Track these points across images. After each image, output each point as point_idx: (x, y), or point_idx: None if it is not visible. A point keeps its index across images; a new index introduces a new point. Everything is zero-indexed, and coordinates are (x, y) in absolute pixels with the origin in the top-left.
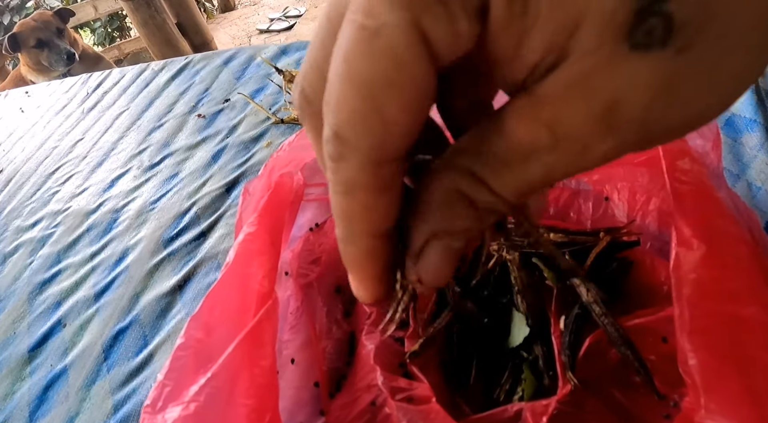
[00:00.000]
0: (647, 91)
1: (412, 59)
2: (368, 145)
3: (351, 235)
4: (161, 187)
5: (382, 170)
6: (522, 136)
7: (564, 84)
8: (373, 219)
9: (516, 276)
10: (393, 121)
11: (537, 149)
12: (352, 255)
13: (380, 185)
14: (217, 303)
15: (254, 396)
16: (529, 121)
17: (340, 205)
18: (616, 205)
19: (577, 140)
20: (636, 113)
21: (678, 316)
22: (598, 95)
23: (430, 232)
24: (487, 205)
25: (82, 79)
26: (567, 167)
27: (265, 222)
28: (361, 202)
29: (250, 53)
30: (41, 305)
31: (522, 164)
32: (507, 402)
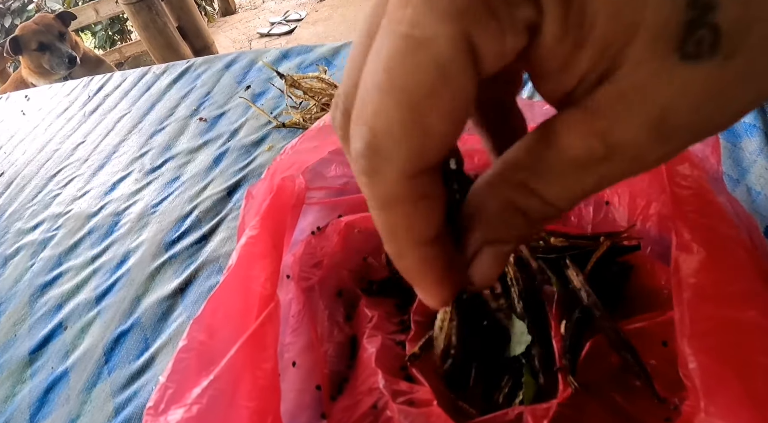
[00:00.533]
0: (697, 98)
1: (458, 71)
2: (405, 155)
3: (400, 249)
4: (163, 190)
5: (419, 180)
6: (576, 148)
7: (617, 95)
8: (417, 229)
9: (512, 278)
10: (433, 131)
11: (591, 161)
12: (407, 268)
13: (419, 195)
14: (220, 305)
15: (256, 398)
16: (582, 133)
17: (381, 220)
18: (616, 209)
19: (630, 150)
20: (687, 120)
21: (678, 320)
22: (650, 105)
23: (483, 240)
24: (540, 214)
25: (83, 82)
26: (619, 175)
27: (267, 225)
28: (402, 214)
29: (252, 57)
30: (42, 308)
31: (576, 175)
32: (507, 405)
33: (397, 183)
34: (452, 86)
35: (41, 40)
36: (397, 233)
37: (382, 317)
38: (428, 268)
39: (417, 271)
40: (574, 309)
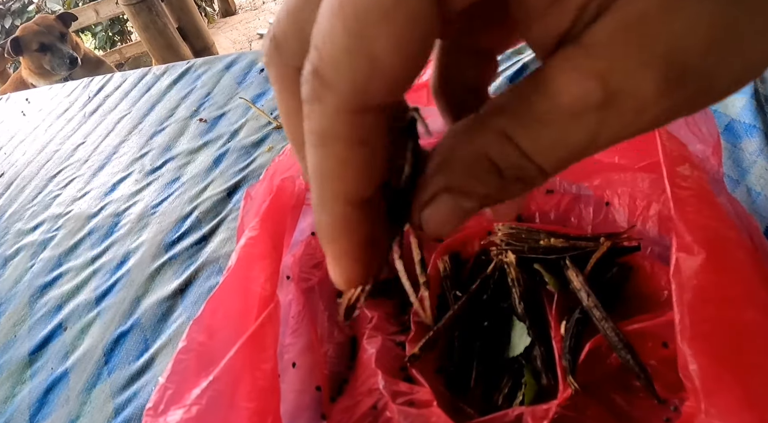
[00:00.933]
0: (708, 33)
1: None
2: (349, 85)
3: (323, 200)
4: (163, 191)
5: (360, 120)
6: (570, 93)
7: (618, 28)
8: (347, 178)
9: (513, 278)
10: (381, 61)
11: (586, 106)
12: (325, 224)
13: (358, 139)
14: (219, 306)
15: (256, 399)
16: (577, 73)
17: (313, 160)
18: (616, 210)
19: (632, 97)
20: (696, 61)
21: (678, 321)
22: (655, 41)
23: (444, 185)
24: (515, 171)
25: (83, 83)
26: (616, 130)
27: (267, 226)
28: (334, 155)
29: (252, 58)
30: (42, 308)
31: (566, 124)
32: (507, 406)
33: (336, 116)
34: (406, 10)
35: (42, 41)
36: (325, 179)
37: (382, 318)
38: (346, 234)
39: (332, 234)
40: (574, 310)
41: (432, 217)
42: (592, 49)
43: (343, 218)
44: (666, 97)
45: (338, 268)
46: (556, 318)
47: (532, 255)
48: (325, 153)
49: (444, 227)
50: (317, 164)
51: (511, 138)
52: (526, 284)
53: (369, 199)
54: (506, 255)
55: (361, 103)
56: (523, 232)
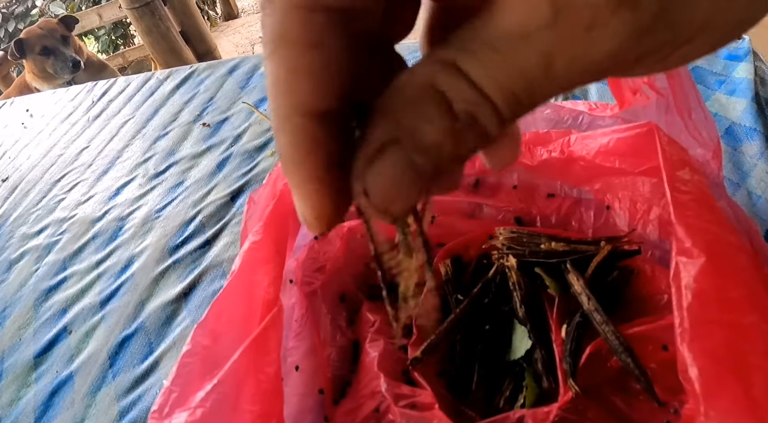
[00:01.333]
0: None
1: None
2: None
3: (280, 116)
4: (166, 195)
5: (311, 16)
6: (517, 10)
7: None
8: (300, 86)
9: (514, 282)
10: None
11: (534, 25)
12: (283, 144)
13: (309, 39)
14: (223, 310)
15: (260, 402)
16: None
17: (268, 72)
18: (617, 214)
19: (582, 10)
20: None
21: (678, 325)
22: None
23: (391, 133)
24: (467, 108)
25: (87, 87)
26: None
27: (270, 230)
28: (286, 60)
29: (255, 62)
30: (47, 312)
31: (514, 48)
32: (508, 409)
33: (286, 13)
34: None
35: (45, 44)
36: (278, 91)
37: (384, 322)
38: (306, 151)
39: (292, 153)
40: (575, 313)
41: (379, 179)
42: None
43: (300, 135)
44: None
45: (302, 200)
46: (557, 321)
47: (533, 259)
48: (277, 60)
49: (394, 194)
50: (271, 75)
51: (459, 67)
52: (527, 288)
53: (329, 113)
54: (507, 259)
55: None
56: (524, 236)
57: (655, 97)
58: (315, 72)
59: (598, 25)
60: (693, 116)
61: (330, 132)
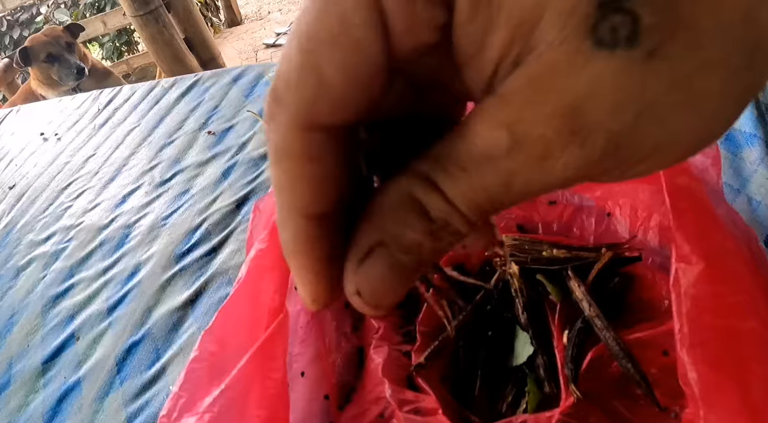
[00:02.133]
0: (613, 95)
1: (360, 23)
2: (297, 101)
3: (282, 215)
4: (172, 203)
5: (311, 138)
6: (481, 137)
7: (525, 81)
8: (301, 193)
9: (517, 289)
10: (328, 81)
11: (495, 152)
12: (285, 239)
13: (308, 154)
14: (230, 317)
15: (266, 407)
16: (489, 121)
17: (273, 177)
18: (618, 220)
19: (536, 143)
20: (601, 120)
21: (678, 330)
22: (560, 94)
23: (376, 237)
24: (441, 216)
25: (93, 95)
26: (526, 178)
27: (276, 239)
28: (288, 171)
29: (259, 71)
30: (54, 319)
31: (478, 169)
32: (511, 414)
33: (288, 132)
34: (352, 37)
35: (50, 52)
36: (281, 194)
37: (388, 328)
38: (303, 247)
39: (291, 247)
40: (576, 320)
41: (369, 278)
42: (504, 98)
43: (300, 232)
44: (570, 150)
45: (301, 285)
46: (559, 327)
47: (535, 266)
48: (280, 169)
49: (383, 291)
50: (276, 180)
51: (435, 183)
52: (529, 294)
53: (326, 216)
54: (510, 266)
55: (308, 121)
56: (527, 243)
57: None
58: (312, 182)
59: (550, 156)
60: None
61: (325, 231)
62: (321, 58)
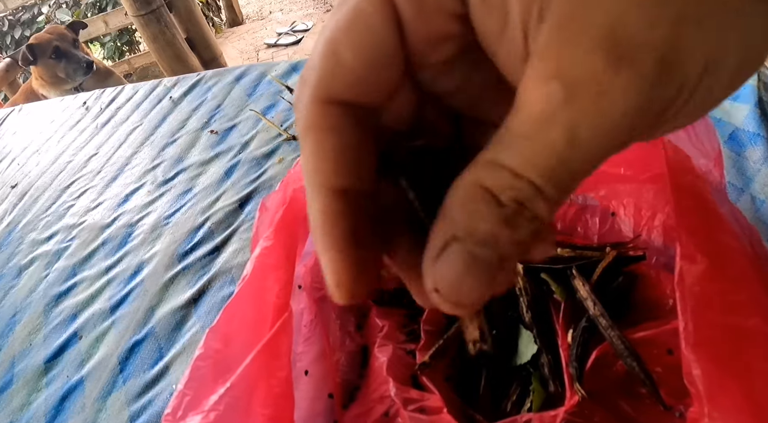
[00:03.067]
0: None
1: (372, 10)
2: (316, 78)
3: (308, 192)
4: (175, 202)
5: (329, 108)
6: (535, 99)
7: (557, 25)
8: (322, 164)
9: (521, 288)
10: (344, 61)
11: (553, 107)
12: (311, 213)
13: (327, 124)
14: (235, 315)
15: (271, 405)
16: (537, 80)
17: (301, 156)
18: (622, 220)
19: (588, 81)
20: (642, 35)
21: (683, 328)
22: (593, 23)
23: (450, 232)
24: (512, 194)
25: (95, 94)
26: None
27: (281, 236)
28: (311, 143)
29: (262, 70)
30: (57, 317)
31: (543, 131)
32: (516, 413)
33: (309, 105)
34: (365, 22)
35: (58, 47)
36: (307, 168)
37: (392, 327)
38: (329, 223)
39: (316, 221)
40: (581, 318)
41: (446, 275)
42: (543, 53)
43: (324, 207)
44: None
45: (325, 266)
46: (563, 326)
47: (539, 264)
48: (305, 143)
49: (463, 287)
50: (302, 156)
51: (499, 162)
52: (533, 293)
53: (348, 192)
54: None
55: (326, 95)
56: None
57: None
58: (332, 153)
59: (606, 89)
60: (695, 127)
61: (347, 207)
62: (338, 42)
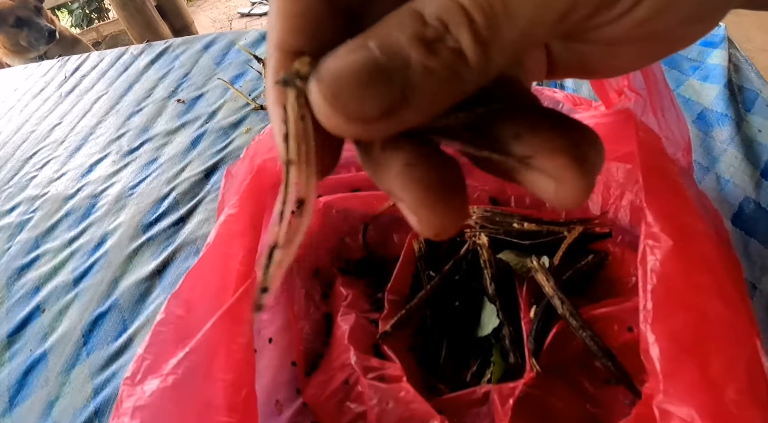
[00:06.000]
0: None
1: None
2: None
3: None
4: (140, 172)
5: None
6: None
7: None
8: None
9: (486, 260)
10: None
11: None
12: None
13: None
14: (198, 281)
15: (232, 371)
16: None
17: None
18: (590, 197)
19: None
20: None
21: (643, 306)
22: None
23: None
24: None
25: (60, 62)
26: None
27: (247, 205)
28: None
29: (231, 38)
30: (19, 291)
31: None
32: (476, 383)
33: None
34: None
35: (18, 16)
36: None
37: (356, 296)
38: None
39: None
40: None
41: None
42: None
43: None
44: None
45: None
46: (527, 300)
47: (505, 238)
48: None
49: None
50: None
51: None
52: (497, 266)
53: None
54: (479, 237)
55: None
56: (498, 216)
57: (634, 98)
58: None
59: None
60: (666, 115)
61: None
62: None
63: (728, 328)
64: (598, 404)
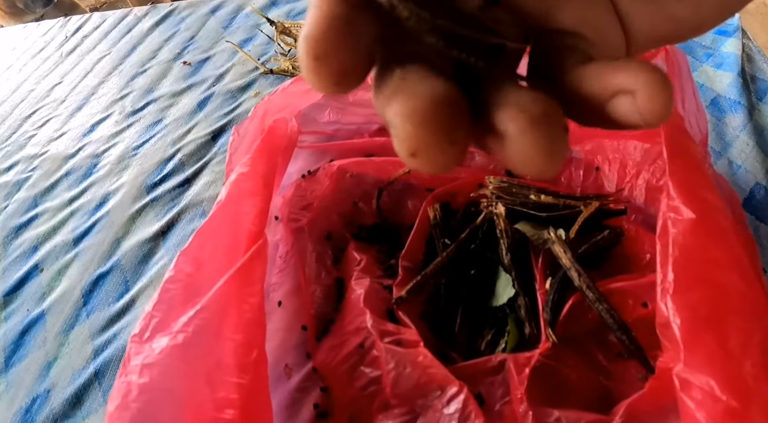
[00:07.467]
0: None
1: None
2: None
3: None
4: (144, 132)
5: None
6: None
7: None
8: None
9: (502, 230)
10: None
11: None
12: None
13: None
14: (208, 239)
15: (242, 331)
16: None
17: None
18: (605, 175)
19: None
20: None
21: (662, 279)
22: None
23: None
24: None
25: (60, 22)
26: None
27: (258, 164)
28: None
29: (239, 3)
30: (17, 250)
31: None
32: (490, 352)
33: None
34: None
35: None
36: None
37: (370, 261)
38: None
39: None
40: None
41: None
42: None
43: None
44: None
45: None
46: (542, 271)
47: (521, 209)
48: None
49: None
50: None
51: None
52: (513, 236)
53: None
54: (496, 206)
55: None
56: (514, 187)
57: None
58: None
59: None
60: (686, 106)
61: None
62: None
63: (745, 302)
64: (611, 377)
